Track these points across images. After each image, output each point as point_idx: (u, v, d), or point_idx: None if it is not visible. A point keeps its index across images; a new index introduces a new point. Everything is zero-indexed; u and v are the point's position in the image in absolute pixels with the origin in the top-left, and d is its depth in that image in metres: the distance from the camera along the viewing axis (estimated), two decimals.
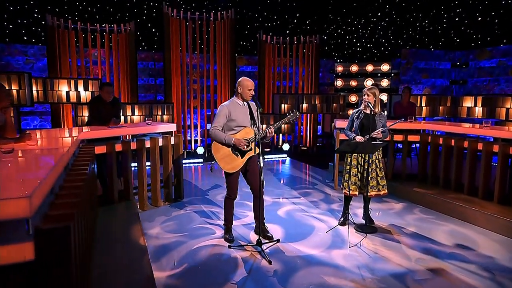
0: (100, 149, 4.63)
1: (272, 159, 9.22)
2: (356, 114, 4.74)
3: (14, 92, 6.53)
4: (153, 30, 9.41)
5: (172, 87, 8.82)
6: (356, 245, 4.15)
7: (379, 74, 10.74)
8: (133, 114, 7.92)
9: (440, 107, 9.04)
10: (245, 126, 4.04)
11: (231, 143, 3.95)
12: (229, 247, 4.02)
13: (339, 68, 11.01)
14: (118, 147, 4.78)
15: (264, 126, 8.91)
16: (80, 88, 7.44)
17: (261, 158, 3.80)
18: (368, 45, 11.46)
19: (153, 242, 4.13)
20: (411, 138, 6.10)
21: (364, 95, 4.63)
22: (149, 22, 9.32)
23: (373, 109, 4.49)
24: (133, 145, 4.97)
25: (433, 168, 5.87)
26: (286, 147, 9.76)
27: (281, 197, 5.95)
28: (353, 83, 10.98)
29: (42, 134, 4.16)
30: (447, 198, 5.18)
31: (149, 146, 5.15)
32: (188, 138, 9.39)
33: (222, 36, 9.14)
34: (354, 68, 10.90)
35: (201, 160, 8.74)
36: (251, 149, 4.04)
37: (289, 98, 9.39)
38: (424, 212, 5.29)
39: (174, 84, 8.84)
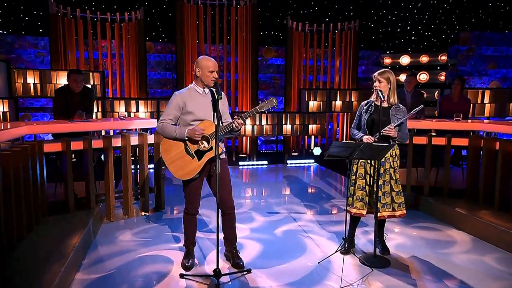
0: (55, 147, 4.08)
1: (296, 165, 8.26)
2: (365, 107, 3.73)
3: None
4: (170, 18, 8.89)
5: (187, 82, 8.22)
6: (351, 284, 3.14)
7: (438, 67, 9.32)
8: (137, 110, 7.43)
9: (511, 104, 7.50)
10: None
11: (184, 136, 3.16)
12: (181, 276, 3.22)
13: (387, 60, 9.73)
14: (77, 145, 4.19)
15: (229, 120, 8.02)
16: None
17: (218, 161, 2.96)
18: (425, 33, 10.04)
19: (83, 274, 3.43)
20: (457, 141, 4.87)
21: (375, 81, 3.61)
22: (165, 9, 8.81)
23: (382, 99, 3.45)
24: (97, 143, 4.36)
25: (485, 183, 4.60)
26: (317, 151, 8.74)
27: (285, 211, 5.04)
28: (404, 77, 9.64)
29: None
30: (508, 227, 3.91)
31: (120, 144, 4.52)
32: None
33: (244, 24, 8.38)
34: (405, 60, 9.59)
35: None
36: (211, 149, 3.21)
37: (318, 93, 8.37)
38: (471, 244, 4.05)
39: (189, 78, 8.24)
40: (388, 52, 9.94)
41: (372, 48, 10.24)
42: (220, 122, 3.21)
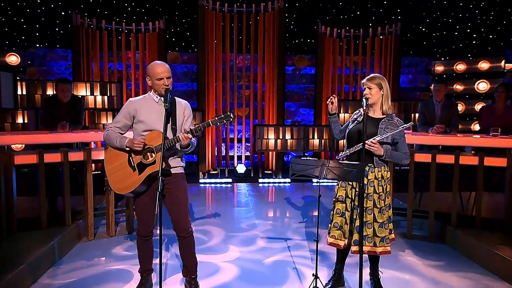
0: (28, 159, 4.01)
1: (324, 184, 7.66)
2: (355, 116, 3.22)
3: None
4: (196, 28, 8.83)
5: (211, 93, 8.05)
6: None
7: (507, 73, 8.24)
8: None
9: None
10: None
11: (125, 146, 2.88)
12: None
13: (438, 68, 8.86)
14: (53, 158, 4.09)
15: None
16: (96, 92, 7.16)
17: (160, 177, 2.63)
18: (488, 36, 9.02)
19: None
20: (491, 161, 4.08)
21: (364, 88, 3.10)
22: (192, 17, 8.76)
23: (364, 107, 2.91)
24: (76, 156, 4.23)
25: None
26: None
27: (284, 239, 4.56)
28: (459, 86, 8.70)
29: None
30: None
31: (102, 158, 4.36)
32: (231, 153, 8.46)
33: (272, 31, 8.05)
34: (460, 67, 8.66)
35: (229, 180, 7.69)
36: (154, 162, 2.89)
37: (351, 105, 7.74)
38: None
39: (213, 89, 8.05)
40: (443, 58, 9.06)
41: (422, 55, 9.40)
42: (172, 135, 2.92)
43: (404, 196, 4.84)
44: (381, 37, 8.44)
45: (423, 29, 9.34)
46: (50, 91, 7.01)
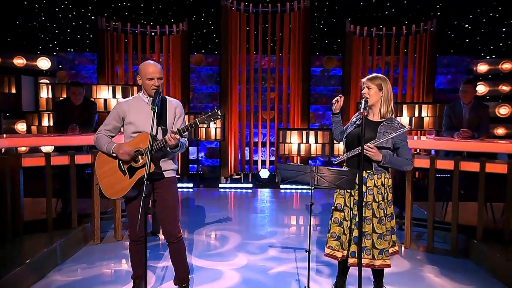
0: (36, 162, 4.14)
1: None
2: (355, 119, 3.08)
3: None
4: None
5: (234, 96, 8.04)
6: None
7: None
8: None
9: None
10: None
11: (111, 152, 2.89)
12: None
13: (482, 67, 8.43)
14: (60, 160, 4.19)
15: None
16: (118, 95, 7.34)
17: (146, 181, 2.61)
18: None
19: None
20: None
21: (363, 87, 2.96)
22: (215, 20, 8.80)
23: (362, 110, 2.76)
24: (83, 159, 4.32)
25: None
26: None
27: (297, 249, 4.43)
28: (505, 87, 8.21)
29: None
30: None
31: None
32: (254, 158, 8.40)
33: (297, 31, 7.93)
34: (506, 66, 8.18)
35: (250, 185, 7.60)
36: (145, 165, 2.87)
37: None
38: None
39: (236, 92, 8.04)
40: (488, 57, 8.56)
41: (462, 53, 8.92)
42: (162, 136, 2.90)
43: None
44: (414, 35, 8.10)
45: (466, 26, 8.85)
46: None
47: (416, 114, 7.40)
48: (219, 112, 2.79)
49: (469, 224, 4.23)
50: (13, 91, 5.66)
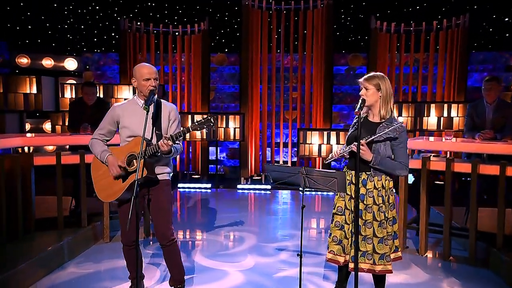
0: (47, 160, 4.30)
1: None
2: (355, 121, 3.02)
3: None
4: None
5: (255, 96, 8.04)
6: None
7: None
8: None
9: None
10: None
11: (105, 161, 2.95)
12: None
13: None
14: (71, 159, 4.33)
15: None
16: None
17: (137, 185, 2.66)
18: None
19: None
20: None
21: (361, 88, 2.90)
22: (237, 19, 8.84)
23: (357, 110, 2.70)
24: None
25: None
26: (410, 179, 7.57)
27: (310, 253, 4.38)
28: None
29: None
30: None
31: None
32: (276, 159, 8.37)
33: (320, 28, 7.84)
34: None
35: (269, 186, 7.55)
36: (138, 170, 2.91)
37: (404, 108, 7.24)
38: None
39: (257, 91, 8.04)
40: None
41: (501, 49, 8.52)
42: (157, 140, 2.92)
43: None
44: (446, 30, 7.82)
45: (506, 19, 8.45)
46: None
47: (445, 114, 7.14)
48: (211, 119, 2.78)
49: (491, 231, 4.03)
50: (34, 91, 5.89)
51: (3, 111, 5.88)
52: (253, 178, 8.05)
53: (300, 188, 2.74)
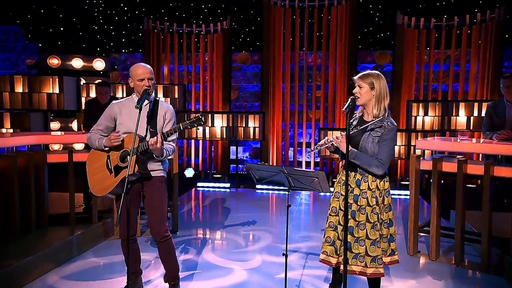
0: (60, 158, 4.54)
1: (394, 197, 7.11)
2: (351, 120, 3.03)
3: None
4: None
5: (276, 95, 8.08)
6: None
7: None
8: (212, 124, 7.63)
9: None
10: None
11: (103, 145, 3.10)
12: None
13: None
14: (78, 157, 4.51)
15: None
16: (160, 94, 7.72)
17: (127, 182, 2.78)
18: None
19: None
20: None
21: (355, 86, 2.90)
22: (260, 17, 8.90)
23: (344, 108, 2.69)
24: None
25: None
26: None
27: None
28: None
29: None
30: None
31: None
32: (299, 159, 8.37)
33: (344, 25, 7.77)
34: None
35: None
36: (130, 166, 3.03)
37: (431, 106, 7.05)
38: None
39: (279, 90, 8.08)
40: None
41: None
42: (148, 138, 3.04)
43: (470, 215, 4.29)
44: (479, 25, 7.54)
45: None
46: (119, 94, 7.78)
47: (475, 113, 6.89)
48: (202, 118, 2.86)
49: (508, 237, 3.88)
50: (57, 91, 6.22)
51: (28, 110, 6.22)
52: None
53: (286, 188, 2.77)
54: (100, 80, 5.76)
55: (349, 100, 2.75)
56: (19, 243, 3.96)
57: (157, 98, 3.27)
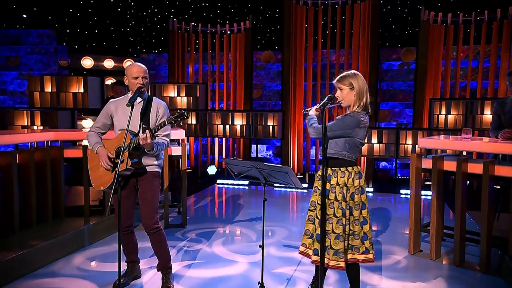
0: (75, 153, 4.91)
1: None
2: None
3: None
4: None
5: (298, 93, 8.19)
6: None
7: None
8: (233, 123, 7.85)
9: None
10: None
11: (96, 152, 3.38)
12: None
13: None
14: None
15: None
16: (182, 94, 8.03)
17: (117, 176, 3.04)
18: None
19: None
20: None
21: (335, 90, 3.02)
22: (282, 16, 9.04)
23: (322, 106, 2.78)
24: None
25: None
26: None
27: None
28: None
29: None
30: None
31: None
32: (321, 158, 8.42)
33: (367, 23, 7.77)
34: None
35: (305, 185, 7.64)
36: (124, 161, 3.29)
37: (454, 104, 6.92)
38: None
39: (301, 89, 8.19)
40: None
41: None
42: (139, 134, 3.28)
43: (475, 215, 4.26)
44: (510, 19, 7.32)
45: None
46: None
47: None
48: (185, 113, 3.06)
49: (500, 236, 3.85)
50: (82, 90, 6.65)
51: (56, 108, 6.69)
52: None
53: (262, 182, 2.91)
54: (113, 80, 6.10)
55: (326, 98, 2.85)
56: (33, 230, 4.32)
57: (151, 96, 3.50)
